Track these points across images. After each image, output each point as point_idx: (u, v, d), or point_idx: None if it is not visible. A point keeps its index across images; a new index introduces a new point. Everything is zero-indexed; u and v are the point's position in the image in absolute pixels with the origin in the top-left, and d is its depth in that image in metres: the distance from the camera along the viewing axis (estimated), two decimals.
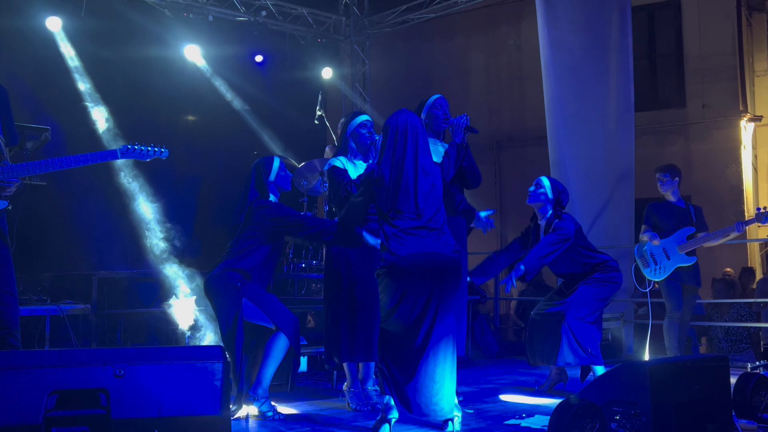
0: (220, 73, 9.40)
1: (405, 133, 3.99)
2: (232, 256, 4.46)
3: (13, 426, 2.66)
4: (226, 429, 2.89)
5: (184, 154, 8.22)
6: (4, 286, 3.39)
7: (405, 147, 3.97)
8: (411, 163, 3.94)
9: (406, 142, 3.97)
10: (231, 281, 4.39)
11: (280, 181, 4.62)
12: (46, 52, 7.94)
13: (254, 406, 4.39)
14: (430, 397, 3.79)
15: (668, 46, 11.70)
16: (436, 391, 3.79)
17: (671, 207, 6.11)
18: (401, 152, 3.96)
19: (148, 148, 3.78)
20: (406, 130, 3.99)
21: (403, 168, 3.93)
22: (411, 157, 3.95)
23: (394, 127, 4.02)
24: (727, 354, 7.53)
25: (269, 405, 4.42)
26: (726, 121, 10.99)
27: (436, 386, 3.79)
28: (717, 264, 10.07)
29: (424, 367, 3.78)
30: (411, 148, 3.96)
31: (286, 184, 4.66)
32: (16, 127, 3.63)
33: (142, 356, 2.87)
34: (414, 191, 3.92)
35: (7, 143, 3.53)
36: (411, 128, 4.00)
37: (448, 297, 3.89)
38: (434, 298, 3.84)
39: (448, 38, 12.81)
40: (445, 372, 3.82)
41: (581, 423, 3.16)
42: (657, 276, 6.02)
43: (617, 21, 8.29)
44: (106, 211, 7.73)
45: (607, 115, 8.23)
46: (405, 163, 3.94)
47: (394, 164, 3.95)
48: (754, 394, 3.90)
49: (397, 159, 3.95)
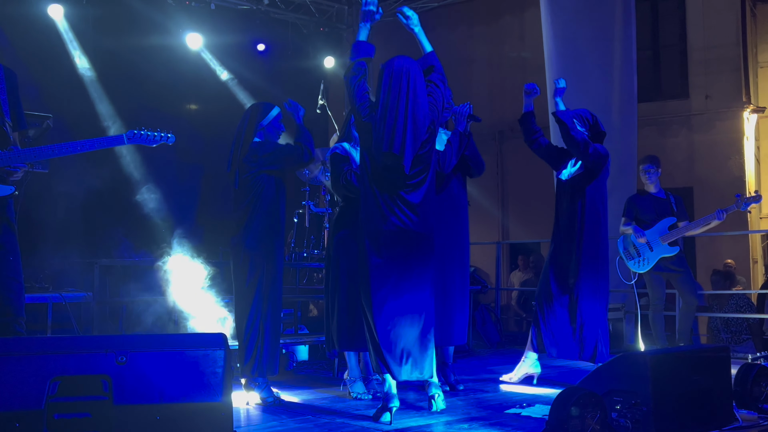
0: (222, 62, 9.37)
1: (400, 78, 3.98)
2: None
3: (15, 412, 2.67)
4: (228, 416, 2.89)
5: (186, 142, 8.21)
6: (11, 273, 3.39)
7: (399, 91, 3.96)
8: (403, 107, 3.95)
9: (400, 87, 3.97)
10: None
11: (272, 129, 4.57)
12: (48, 40, 7.94)
13: (255, 392, 4.41)
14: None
15: (671, 36, 11.65)
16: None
17: (651, 198, 6.18)
18: (395, 96, 3.96)
19: (155, 134, 3.76)
20: (401, 74, 3.99)
21: (397, 112, 3.94)
22: (404, 102, 3.95)
23: (389, 72, 4.02)
24: (728, 345, 7.54)
25: (269, 391, 4.43)
26: (729, 112, 10.95)
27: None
28: (719, 256, 10.08)
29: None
30: (404, 93, 3.96)
31: (275, 134, 4.60)
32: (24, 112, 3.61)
33: (144, 343, 2.88)
34: (402, 137, 3.92)
35: (14, 127, 3.52)
36: (405, 73, 3.99)
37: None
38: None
39: (450, 28, 12.76)
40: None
41: (582, 412, 3.17)
42: (641, 268, 6.11)
43: (621, 11, 8.26)
44: (109, 199, 7.74)
45: (610, 105, 8.20)
46: (398, 108, 3.94)
47: (388, 108, 3.95)
48: (754, 385, 3.90)
49: (391, 103, 3.95)
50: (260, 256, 4.42)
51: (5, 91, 3.45)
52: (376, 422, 3.93)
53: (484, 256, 10.64)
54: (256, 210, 4.43)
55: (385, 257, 3.99)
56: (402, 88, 3.96)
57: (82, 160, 5.13)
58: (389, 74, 4.02)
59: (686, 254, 6.49)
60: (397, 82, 3.98)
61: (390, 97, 3.97)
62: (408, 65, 4.03)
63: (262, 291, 4.41)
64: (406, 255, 4.01)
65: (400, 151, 3.92)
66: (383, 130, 3.95)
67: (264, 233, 4.43)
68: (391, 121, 3.94)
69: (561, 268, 5.00)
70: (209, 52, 9.25)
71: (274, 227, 4.48)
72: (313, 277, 7.76)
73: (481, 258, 10.46)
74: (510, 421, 4.00)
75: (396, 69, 4.02)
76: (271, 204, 4.46)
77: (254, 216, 4.42)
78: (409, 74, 4.00)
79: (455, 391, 4.88)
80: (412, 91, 3.97)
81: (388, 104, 3.96)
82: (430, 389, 4.16)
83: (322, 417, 4.14)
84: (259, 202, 4.43)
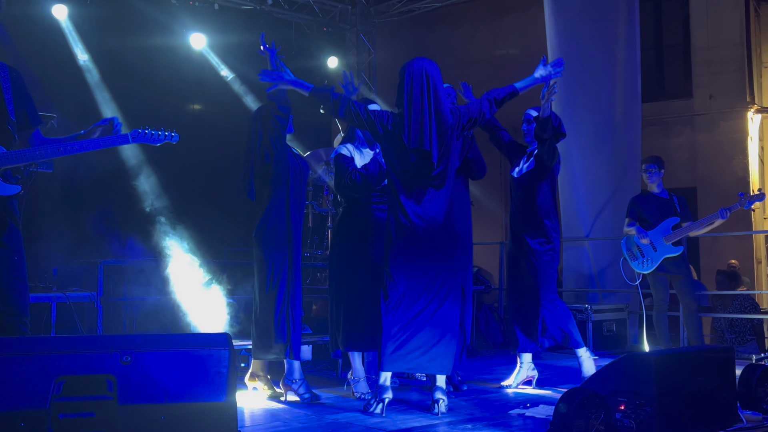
0: (226, 62, 9.38)
1: (421, 77, 4.11)
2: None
3: (20, 411, 2.68)
4: (232, 416, 2.90)
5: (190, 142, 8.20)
6: (15, 273, 3.39)
7: (421, 89, 4.10)
8: (426, 104, 4.09)
9: (422, 85, 4.11)
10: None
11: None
12: (53, 40, 7.94)
13: (292, 389, 4.55)
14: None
15: (675, 36, 11.64)
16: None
17: (655, 198, 6.17)
18: (418, 94, 4.09)
19: (159, 132, 3.78)
20: (421, 74, 4.12)
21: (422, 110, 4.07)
22: (426, 99, 4.10)
23: (409, 73, 4.14)
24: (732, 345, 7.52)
25: (306, 386, 4.57)
26: (733, 112, 10.93)
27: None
28: (723, 256, 10.06)
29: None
30: (426, 91, 4.10)
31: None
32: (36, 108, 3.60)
33: (149, 343, 2.88)
34: (429, 132, 4.05)
35: (27, 125, 3.51)
36: (425, 72, 4.13)
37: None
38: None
39: (453, 27, 12.75)
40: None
41: (586, 413, 3.17)
42: (645, 268, 6.11)
43: (624, 11, 8.25)
44: (113, 199, 7.75)
45: (614, 105, 8.20)
46: (423, 104, 4.08)
47: (413, 106, 4.08)
48: (759, 386, 3.90)
49: (415, 101, 4.09)
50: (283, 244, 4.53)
51: (10, 90, 3.45)
52: (368, 414, 4.09)
53: (487, 256, 10.63)
54: (277, 199, 4.52)
55: (412, 252, 4.13)
56: (423, 86, 4.11)
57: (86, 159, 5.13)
58: (410, 75, 4.15)
59: (690, 254, 6.49)
60: (418, 80, 4.12)
61: (413, 96, 4.10)
62: (426, 65, 4.17)
63: (287, 279, 4.52)
64: (432, 249, 4.14)
65: (429, 145, 4.05)
66: (410, 128, 4.07)
67: (286, 221, 4.54)
68: (417, 117, 4.07)
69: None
70: (213, 52, 9.26)
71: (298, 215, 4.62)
72: (316, 277, 7.77)
73: (484, 258, 10.45)
74: (513, 421, 4.00)
75: (416, 69, 4.15)
76: (295, 192, 4.60)
77: (274, 204, 4.52)
78: (429, 73, 4.14)
79: (459, 392, 4.88)
80: (433, 89, 4.12)
81: (412, 102, 4.10)
82: (435, 393, 4.18)
83: (326, 416, 4.14)
84: (282, 189, 4.53)
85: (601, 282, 8.10)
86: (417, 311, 4.12)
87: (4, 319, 3.34)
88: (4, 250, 3.37)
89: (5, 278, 3.36)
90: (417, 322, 4.11)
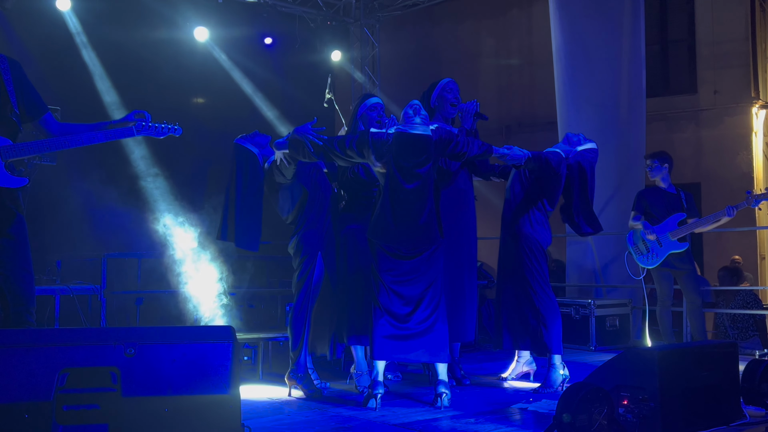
0: (230, 56, 9.38)
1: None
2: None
3: (24, 403, 2.68)
4: (236, 409, 2.90)
5: (193, 135, 8.22)
6: (22, 264, 3.41)
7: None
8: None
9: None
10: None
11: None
12: (56, 33, 7.93)
13: (297, 384, 4.57)
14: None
15: (680, 31, 11.61)
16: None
17: (662, 193, 6.14)
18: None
19: (162, 125, 3.79)
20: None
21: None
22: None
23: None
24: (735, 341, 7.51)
25: (311, 381, 4.60)
26: (737, 107, 10.91)
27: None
28: (726, 252, 10.05)
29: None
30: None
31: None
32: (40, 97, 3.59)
33: (153, 336, 2.88)
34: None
35: (24, 119, 3.51)
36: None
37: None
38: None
39: (458, 22, 12.73)
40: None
41: (589, 407, 3.17)
42: (650, 263, 6.09)
43: (629, 6, 8.22)
44: (116, 193, 7.75)
45: (618, 100, 8.17)
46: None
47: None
48: (762, 381, 3.90)
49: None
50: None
51: (11, 81, 3.45)
52: (367, 408, 4.14)
53: (490, 251, 10.61)
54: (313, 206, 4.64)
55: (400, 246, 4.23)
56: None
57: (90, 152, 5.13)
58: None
59: (693, 250, 6.47)
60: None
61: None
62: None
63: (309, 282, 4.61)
64: (417, 245, 4.25)
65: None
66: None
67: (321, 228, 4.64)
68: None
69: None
70: (217, 46, 9.25)
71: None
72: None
73: (488, 253, 10.44)
74: (516, 415, 4.01)
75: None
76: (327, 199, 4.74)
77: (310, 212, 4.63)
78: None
79: (462, 386, 4.88)
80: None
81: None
82: (438, 387, 4.18)
83: (329, 410, 4.15)
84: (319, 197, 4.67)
85: (604, 277, 8.09)
86: (406, 301, 4.20)
87: (11, 309, 3.36)
88: (10, 241, 3.39)
89: (12, 269, 3.37)
90: (407, 311, 4.19)
